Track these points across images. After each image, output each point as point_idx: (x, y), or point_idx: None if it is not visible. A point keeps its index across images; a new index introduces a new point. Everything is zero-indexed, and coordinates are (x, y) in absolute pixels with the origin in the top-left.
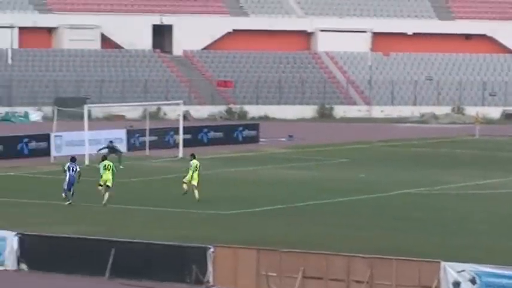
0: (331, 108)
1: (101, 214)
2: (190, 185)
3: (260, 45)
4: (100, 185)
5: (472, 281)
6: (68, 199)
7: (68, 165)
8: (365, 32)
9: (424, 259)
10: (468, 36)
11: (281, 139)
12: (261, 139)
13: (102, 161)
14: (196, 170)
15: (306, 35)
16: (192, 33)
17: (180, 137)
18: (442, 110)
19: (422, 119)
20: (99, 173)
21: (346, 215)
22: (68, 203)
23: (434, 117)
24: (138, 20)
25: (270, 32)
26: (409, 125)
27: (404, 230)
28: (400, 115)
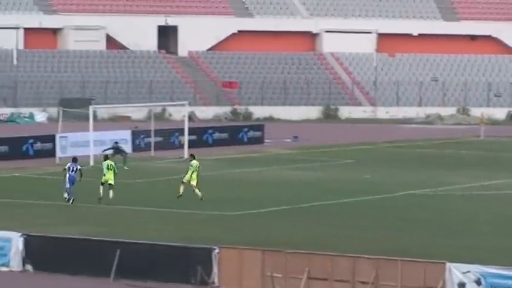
0: (336, 109)
1: (105, 215)
2: (189, 185)
3: (265, 46)
4: (102, 183)
5: (477, 282)
6: (68, 199)
7: (68, 165)
8: (370, 33)
9: (429, 260)
10: (473, 37)
11: (286, 140)
12: (266, 140)
13: (104, 161)
14: (196, 170)
15: (311, 36)
16: (197, 34)
17: (185, 138)
18: (447, 111)
19: (428, 120)
20: (103, 172)
21: (351, 216)
22: (70, 202)
23: (440, 118)
24: (143, 20)
25: (275, 33)
26: (414, 125)
27: (409, 231)
28: (405, 116)
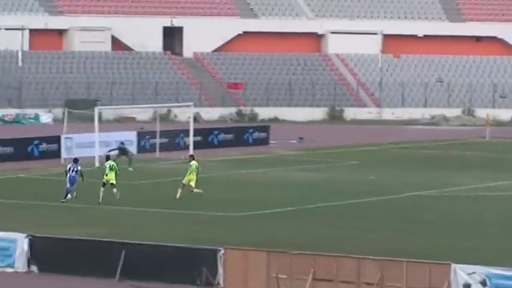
0: (342, 110)
1: (110, 216)
2: (187, 187)
3: (270, 47)
4: (103, 184)
5: (483, 283)
6: (64, 197)
7: (69, 166)
8: (375, 34)
9: (434, 261)
10: (478, 38)
11: (291, 141)
12: (271, 141)
13: (107, 161)
14: (195, 171)
15: (316, 37)
16: (203, 35)
17: (191, 139)
18: (453, 112)
19: (433, 121)
20: (106, 173)
21: (357, 217)
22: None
23: (445, 119)
24: (149, 22)
25: (280, 34)
26: (419, 127)
27: (414, 232)
28: (411, 117)
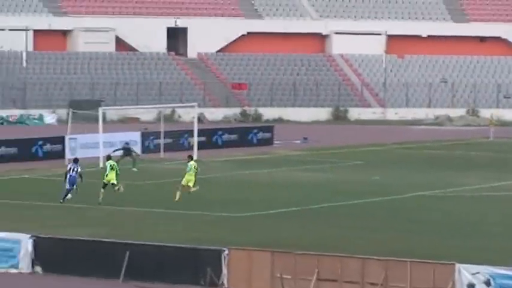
0: (346, 111)
1: (114, 216)
2: (186, 188)
3: (275, 48)
4: (105, 184)
5: (487, 283)
6: (64, 198)
7: (69, 166)
8: (380, 34)
9: (438, 261)
10: (483, 39)
11: (295, 141)
12: (276, 141)
13: (107, 160)
14: (195, 171)
15: (320, 38)
16: (207, 36)
17: (195, 140)
18: (457, 112)
19: (437, 121)
20: (107, 173)
21: (361, 217)
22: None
23: (449, 119)
24: (153, 22)
25: (284, 34)
26: (423, 127)
27: (418, 232)
28: (415, 117)
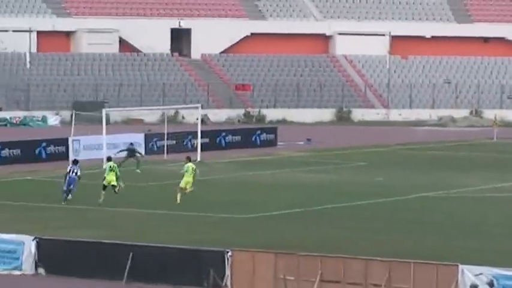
0: (349, 112)
1: (118, 218)
2: (185, 189)
3: (278, 49)
4: (104, 186)
5: (490, 284)
6: (64, 200)
7: (69, 168)
8: (383, 35)
9: (441, 262)
10: (486, 39)
11: (299, 142)
12: (279, 143)
13: (108, 162)
14: (192, 173)
15: (324, 38)
16: (210, 37)
17: (198, 141)
18: (460, 113)
19: (440, 122)
20: (104, 173)
21: (364, 219)
22: (63, 202)
23: (452, 120)
24: (156, 23)
25: (288, 35)
26: (427, 128)
27: (422, 233)
28: (418, 118)
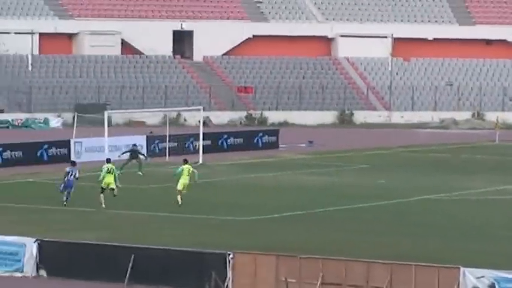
0: (351, 114)
1: (119, 220)
2: (183, 192)
3: (280, 51)
4: (102, 189)
5: (492, 286)
6: (66, 200)
7: (67, 170)
8: (385, 37)
9: (443, 265)
10: (489, 42)
11: (301, 145)
12: (281, 145)
13: (107, 163)
14: (188, 175)
15: (326, 41)
16: (212, 39)
17: (200, 143)
18: (462, 115)
19: (443, 125)
20: (102, 176)
21: (366, 221)
22: (64, 204)
23: (455, 122)
24: (159, 25)
25: (290, 37)
26: (429, 130)
27: (423, 235)
28: (420, 120)
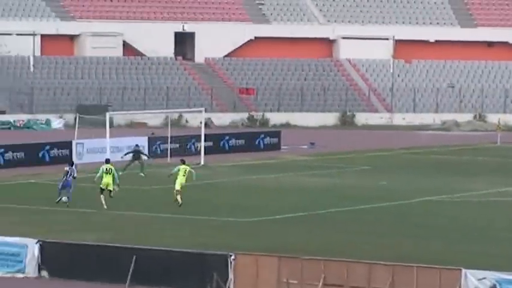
0: (353, 116)
1: (121, 221)
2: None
3: (282, 53)
4: (101, 189)
5: None
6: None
7: (67, 169)
8: (387, 39)
9: (445, 266)
10: (490, 44)
11: (303, 146)
12: (283, 146)
13: (106, 164)
14: (184, 175)
15: (328, 42)
16: (214, 41)
17: (202, 145)
18: (464, 117)
19: (444, 127)
20: (98, 176)
21: (368, 223)
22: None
23: (456, 124)
24: (160, 27)
25: (292, 39)
26: (430, 132)
27: (425, 237)
28: (422, 122)
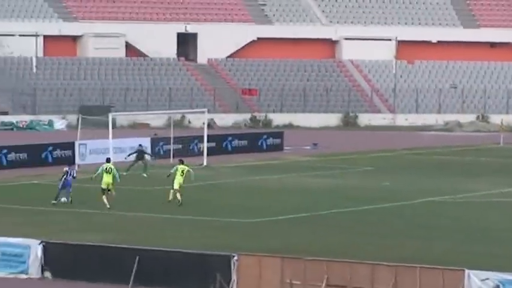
0: (356, 117)
1: (124, 222)
2: (180, 190)
3: (284, 53)
4: (103, 190)
5: None
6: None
7: (66, 170)
8: (389, 40)
9: (448, 267)
10: (493, 44)
11: (305, 147)
12: (286, 147)
13: (106, 163)
14: (181, 175)
15: (330, 43)
16: (217, 42)
17: (205, 145)
18: (467, 118)
19: (447, 127)
20: (97, 174)
21: (370, 223)
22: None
23: (459, 125)
24: (163, 28)
25: (294, 40)
26: (433, 133)
27: (428, 238)
28: (425, 123)
